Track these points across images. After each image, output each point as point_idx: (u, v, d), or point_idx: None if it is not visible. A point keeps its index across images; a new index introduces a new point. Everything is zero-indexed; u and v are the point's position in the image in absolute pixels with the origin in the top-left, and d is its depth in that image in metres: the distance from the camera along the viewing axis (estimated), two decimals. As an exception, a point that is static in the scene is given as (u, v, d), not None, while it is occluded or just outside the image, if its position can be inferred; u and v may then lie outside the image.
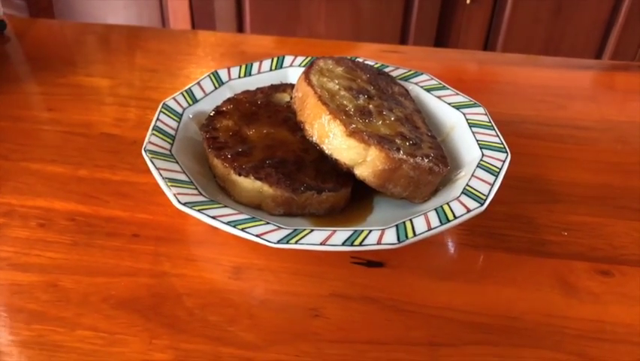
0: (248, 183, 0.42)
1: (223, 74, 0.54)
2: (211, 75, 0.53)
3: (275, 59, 0.56)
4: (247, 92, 0.52)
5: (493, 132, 0.47)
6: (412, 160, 0.42)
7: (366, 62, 0.54)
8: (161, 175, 0.40)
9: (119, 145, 0.52)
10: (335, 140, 0.42)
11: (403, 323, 0.38)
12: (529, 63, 0.71)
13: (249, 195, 0.43)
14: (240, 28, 1.34)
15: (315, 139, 0.43)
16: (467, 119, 0.49)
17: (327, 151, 0.43)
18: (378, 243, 0.36)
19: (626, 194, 0.49)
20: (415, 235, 0.37)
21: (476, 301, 0.39)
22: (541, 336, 0.37)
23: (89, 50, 0.70)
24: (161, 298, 0.38)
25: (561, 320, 0.38)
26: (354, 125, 0.42)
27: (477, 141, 0.46)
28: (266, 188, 0.42)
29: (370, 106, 0.46)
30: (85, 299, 0.38)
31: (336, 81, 0.47)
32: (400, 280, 0.41)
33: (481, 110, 0.50)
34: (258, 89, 0.52)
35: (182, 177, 0.41)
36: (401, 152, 0.42)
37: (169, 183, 0.40)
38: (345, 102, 0.45)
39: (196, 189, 0.40)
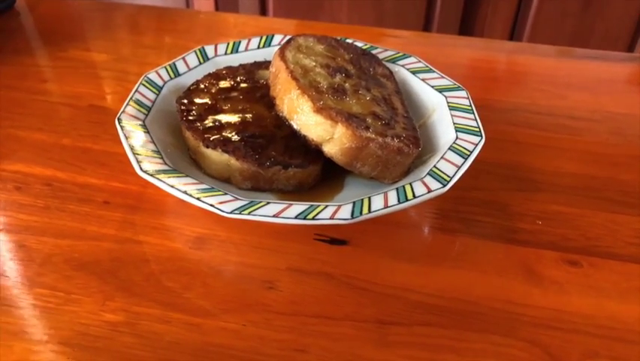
0: (216, 156, 0.43)
1: (210, 50, 0.54)
2: (197, 51, 0.54)
3: (264, 37, 0.56)
4: (229, 67, 0.52)
5: (472, 116, 0.46)
6: (380, 139, 0.41)
7: (351, 43, 0.54)
8: (128, 143, 0.41)
9: (105, 117, 0.53)
10: (303, 116, 0.42)
11: (355, 300, 0.37)
12: (534, 51, 0.69)
13: (218, 168, 0.43)
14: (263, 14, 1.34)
15: (284, 114, 0.43)
16: (448, 102, 0.48)
17: (296, 127, 0.43)
18: (331, 218, 0.36)
19: (610, 186, 0.47)
20: (369, 212, 0.36)
21: (434, 284, 0.39)
22: (494, 322, 0.36)
23: (93, 27, 0.72)
24: (120, 262, 0.39)
25: (519, 308, 0.37)
26: (322, 102, 0.41)
27: (454, 123, 0.46)
28: (233, 161, 0.42)
29: (346, 85, 0.46)
30: (47, 260, 0.39)
31: (314, 58, 0.47)
32: (361, 258, 0.41)
33: (463, 93, 0.49)
34: (240, 65, 0.52)
35: (150, 146, 0.42)
36: (370, 130, 0.41)
37: (134, 151, 0.40)
38: (318, 79, 0.44)
39: (161, 158, 0.41)
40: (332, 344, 0.35)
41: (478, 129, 0.44)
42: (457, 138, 0.44)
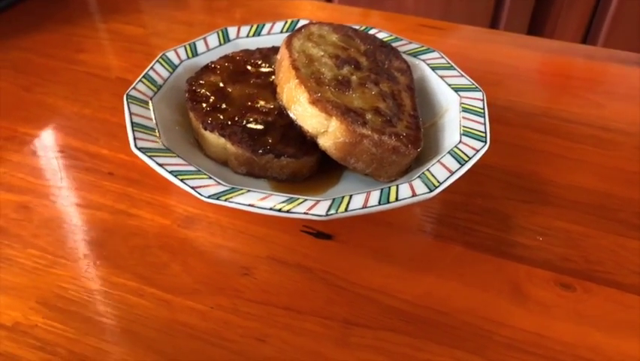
0: (213, 139, 0.43)
1: (232, 31, 0.55)
2: (219, 31, 0.54)
3: (288, 22, 0.56)
4: (246, 51, 0.52)
5: (482, 120, 0.44)
6: (376, 136, 0.40)
7: (371, 33, 0.52)
8: (130, 118, 0.42)
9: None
10: (300, 106, 0.41)
11: (327, 297, 0.37)
12: (578, 53, 0.65)
13: (216, 151, 0.44)
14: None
15: (283, 103, 0.43)
16: (461, 103, 0.46)
17: (293, 117, 0.42)
18: (306, 212, 0.36)
19: (627, 207, 0.44)
20: (346, 210, 0.36)
21: (412, 290, 0.38)
22: (464, 337, 0.35)
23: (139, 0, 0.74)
24: (110, 233, 0.41)
25: (495, 326, 0.36)
26: (319, 94, 0.41)
27: (462, 126, 0.44)
28: (229, 146, 0.43)
29: (353, 77, 0.45)
30: (44, 223, 0.41)
31: (323, 48, 0.46)
32: (343, 255, 0.40)
33: (479, 95, 0.46)
34: (257, 49, 0.52)
35: (151, 124, 0.43)
36: (367, 127, 0.41)
37: (134, 128, 0.42)
38: (322, 70, 0.44)
39: (158, 137, 0.42)
40: (293, 337, 0.35)
41: (483, 134, 0.42)
42: (459, 141, 0.42)
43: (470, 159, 0.40)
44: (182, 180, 0.37)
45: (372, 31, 0.55)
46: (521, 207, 0.44)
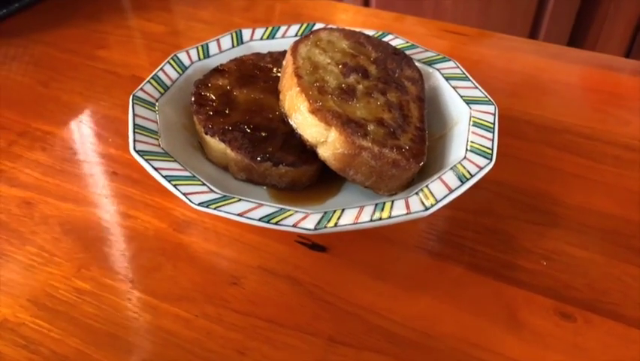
0: (214, 144, 0.43)
1: (246, 33, 0.54)
2: (233, 33, 0.54)
3: (304, 26, 0.55)
4: (257, 54, 0.51)
5: (490, 135, 0.42)
6: (376, 149, 0.39)
7: (384, 40, 0.51)
8: (133, 120, 0.43)
9: (141, 88, 0.56)
10: (300, 115, 0.41)
11: (314, 312, 0.36)
12: (610, 65, 0.62)
13: (217, 155, 0.44)
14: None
15: (285, 111, 0.43)
16: (472, 116, 0.44)
17: (293, 125, 0.42)
18: (294, 225, 0.35)
19: (643, 234, 0.42)
20: (335, 225, 0.35)
21: (402, 310, 0.37)
22: (450, 363, 0.34)
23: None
24: (107, 233, 0.41)
25: (484, 353, 0.34)
26: (319, 103, 0.40)
27: (469, 141, 0.42)
28: (229, 151, 0.42)
29: (359, 86, 0.44)
30: (44, 220, 0.42)
31: (331, 55, 0.45)
32: (335, 269, 0.39)
33: (491, 109, 0.45)
34: (269, 52, 0.52)
35: (154, 126, 0.43)
36: (368, 138, 0.40)
37: (135, 130, 0.42)
38: (327, 78, 0.43)
39: (157, 140, 0.42)
40: (274, 351, 0.34)
41: (490, 151, 0.41)
42: (464, 157, 0.41)
43: (472, 177, 0.39)
44: (175, 186, 0.37)
45: (387, 38, 0.54)
46: (529, 229, 0.42)
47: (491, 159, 0.40)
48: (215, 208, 0.36)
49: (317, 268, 0.39)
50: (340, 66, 0.45)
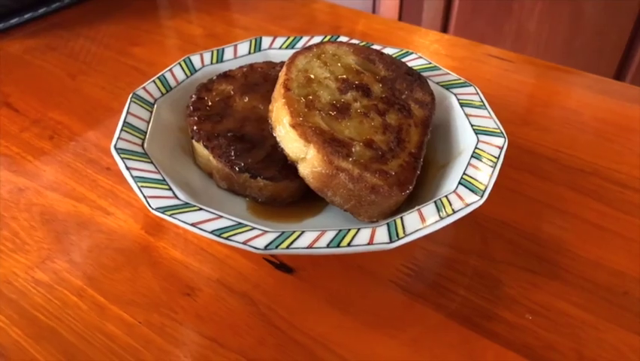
0: (201, 149, 0.42)
1: (266, 41, 0.53)
2: (252, 40, 0.53)
3: (327, 38, 0.53)
4: (268, 62, 0.50)
5: (490, 171, 0.38)
6: (356, 171, 0.37)
7: (399, 59, 0.48)
8: (125, 117, 0.43)
9: (159, 88, 0.56)
10: (283, 128, 0.39)
11: (260, 337, 0.34)
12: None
13: (203, 162, 0.43)
14: (447, 14, 1.25)
15: (271, 122, 0.41)
16: (476, 148, 0.40)
17: (277, 138, 0.40)
18: (245, 243, 0.33)
19: (655, 301, 0.36)
20: (288, 248, 0.33)
21: (355, 347, 0.34)
22: (391, 417, 0.30)
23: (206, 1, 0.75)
24: (80, 228, 0.41)
25: (433, 412, 0.31)
26: (301, 118, 0.38)
27: (464, 174, 0.38)
28: (211, 158, 0.41)
29: (357, 104, 0.41)
30: (28, 208, 0.43)
31: (332, 69, 0.43)
32: (296, 293, 0.37)
33: (500, 142, 0.40)
34: (281, 62, 0.50)
35: (144, 126, 0.43)
36: (349, 159, 0.37)
37: (124, 127, 0.42)
38: (320, 92, 0.41)
39: (142, 140, 0.41)
40: (206, 373, 0.32)
41: (482, 187, 0.37)
42: (453, 190, 0.37)
43: (454, 213, 0.35)
44: (140, 187, 0.37)
45: (410, 57, 0.51)
46: (522, 277, 0.38)
47: (482, 196, 0.36)
48: (170, 215, 0.35)
49: (278, 289, 0.37)
50: (339, 82, 0.42)
